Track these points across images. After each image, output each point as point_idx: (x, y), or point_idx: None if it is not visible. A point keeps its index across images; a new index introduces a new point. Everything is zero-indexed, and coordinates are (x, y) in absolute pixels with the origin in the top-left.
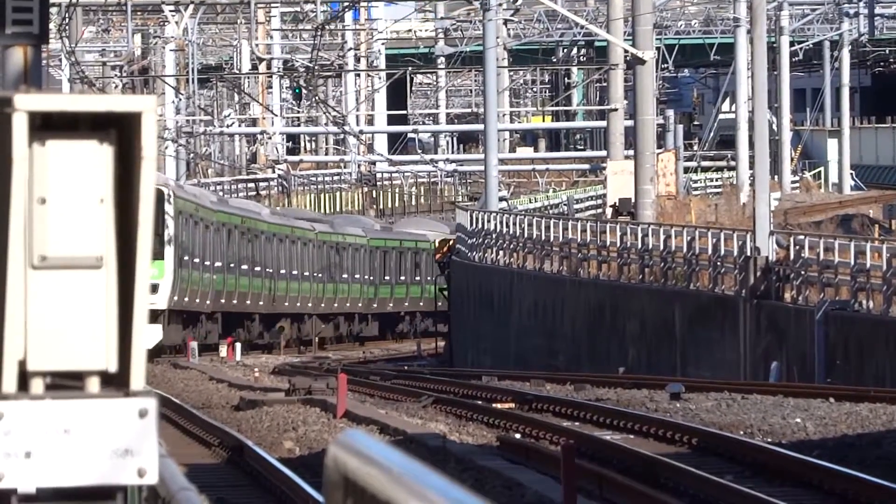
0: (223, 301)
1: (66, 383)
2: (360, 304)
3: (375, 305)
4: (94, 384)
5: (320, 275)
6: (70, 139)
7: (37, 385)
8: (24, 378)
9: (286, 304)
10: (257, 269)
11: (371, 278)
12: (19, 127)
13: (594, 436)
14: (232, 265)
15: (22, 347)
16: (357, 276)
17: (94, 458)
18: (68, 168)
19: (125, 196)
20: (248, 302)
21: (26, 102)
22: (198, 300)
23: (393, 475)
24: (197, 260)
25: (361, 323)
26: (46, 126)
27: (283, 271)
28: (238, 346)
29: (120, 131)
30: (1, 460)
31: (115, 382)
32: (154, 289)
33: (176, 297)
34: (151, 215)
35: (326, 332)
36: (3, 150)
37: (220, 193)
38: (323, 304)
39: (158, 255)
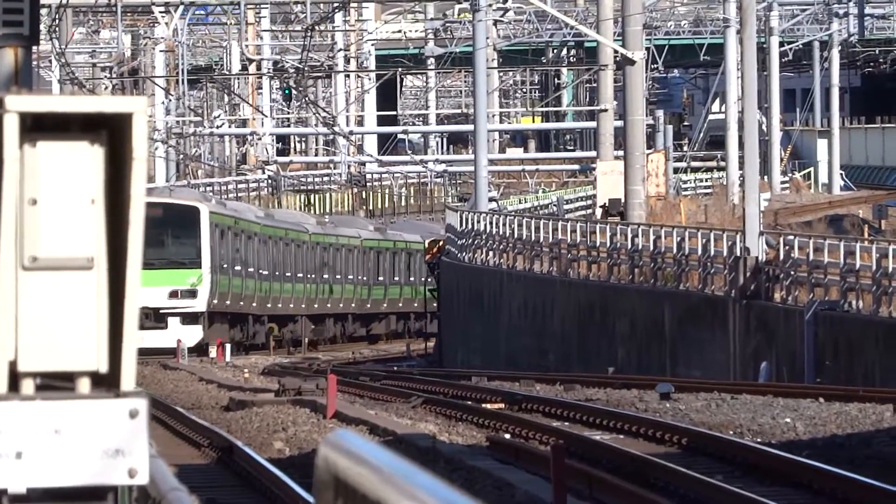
0: (269, 304)
1: (56, 384)
2: (415, 304)
3: (436, 305)
4: (84, 385)
5: (365, 278)
6: (61, 140)
7: (27, 386)
8: (14, 379)
9: (328, 305)
10: (300, 274)
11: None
12: (10, 128)
13: (584, 436)
14: (277, 272)
15: (12, 348)
16: (412, 278)
17: (84, 458)
18: (59, 169)
19: (116, 197)
20: (292, 305)
21: (17, 103)
22: (241, 303)
23: (383, 475)
24: (238, 267)
25: (420, 321)
26: (37, 127)
27: (325, 276)
28: (228, 346)
29: (111, 132)
30: None
31: (106, 383)
32: (193, 294)
33: (216, 301)
34: (143, 216)
35: (379, 329)
36: None
37: (262, 206)
38: (369, 305)
39: (196, 264)
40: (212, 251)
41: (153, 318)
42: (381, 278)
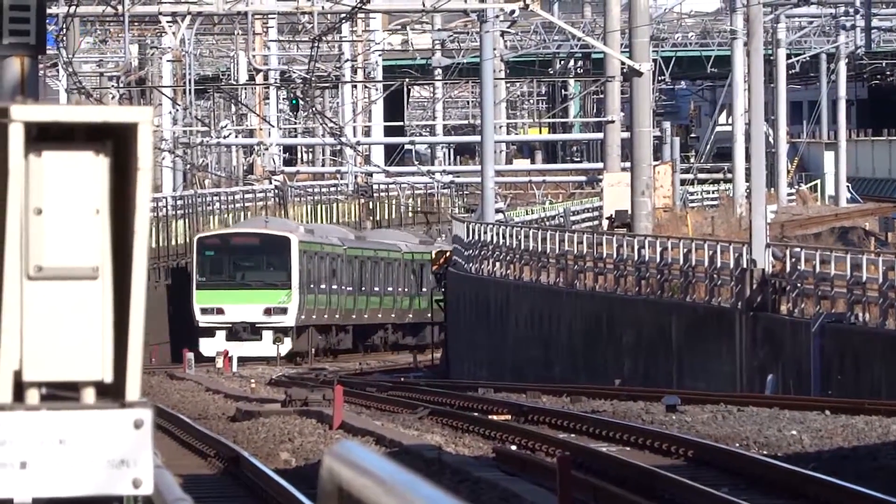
0: (354, 316)
1: (61, 394)
2: None
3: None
4: (89, 395)
5: None
6: (66, 150)
7: (32, 396)
8: (19, 388)
9: (429, 314)
10: (389, 288)
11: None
12: (15, 138)
13: (590, 447)
14: (364, 287)
15: (17, 358)
16: None
17: (89, 468)
18: (64, 179)
19: (121, 207)
20: (380, 315)
21: (23, 113)
22: (326, 316)
23: (387, 486)
24: (324, 286)
25: None
26: (43, 137)
27: (425, 289)
28: (235, 357)
29: (116, 142)
30: None
31: (111, 393)
32: (284, 311)
33: (303, 316)
34: (147, 226)
35: None
36: None
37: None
38: None
39: (287, 285)
40: (300, 274)
41: (250, 330)
42: None
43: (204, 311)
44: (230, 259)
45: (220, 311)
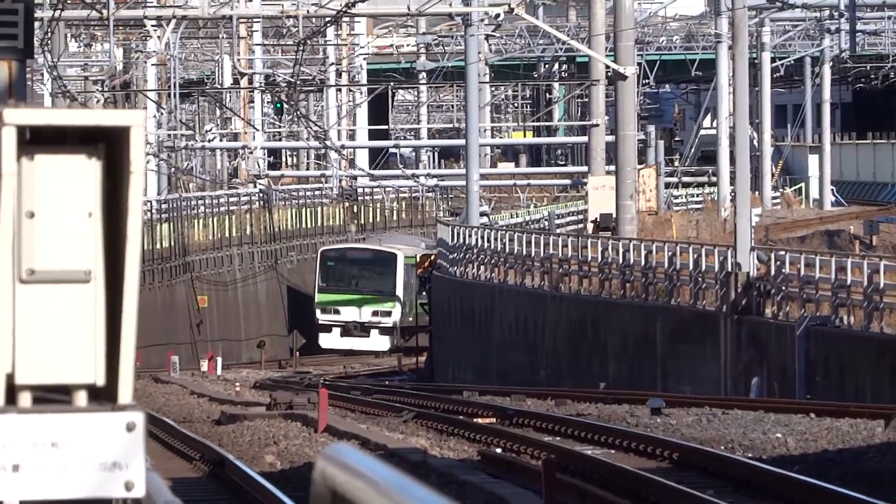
0: None
1: (53, 397)
2: None
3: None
4: (81, 398)
5: None
6: (58, 153)
7: (24, 398)
8: (11, 391)
9: None
10: None
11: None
12: (8, 141)
13: (575, 451)
14: None
15: (10, 361)
16: None
17: (81, 471)
18: (57, 182)
19: (114, 210)
20: None
21: (15, 116)
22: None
23: (381, 489)
24: None
25: None
26: (35, 140)
27: None
28: (219, 360)
29: (108, 146)
30: None
31: (103, 396)
32: (388, 314)
33: (410, 319)
34: (140, 229)
35: None
36: None
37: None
38: None
39: (392, 293)
40: (405, 284)
41: (360, 329)
42: None
43: (323, 310)
44: (346, 269)
45: (336, 312)
